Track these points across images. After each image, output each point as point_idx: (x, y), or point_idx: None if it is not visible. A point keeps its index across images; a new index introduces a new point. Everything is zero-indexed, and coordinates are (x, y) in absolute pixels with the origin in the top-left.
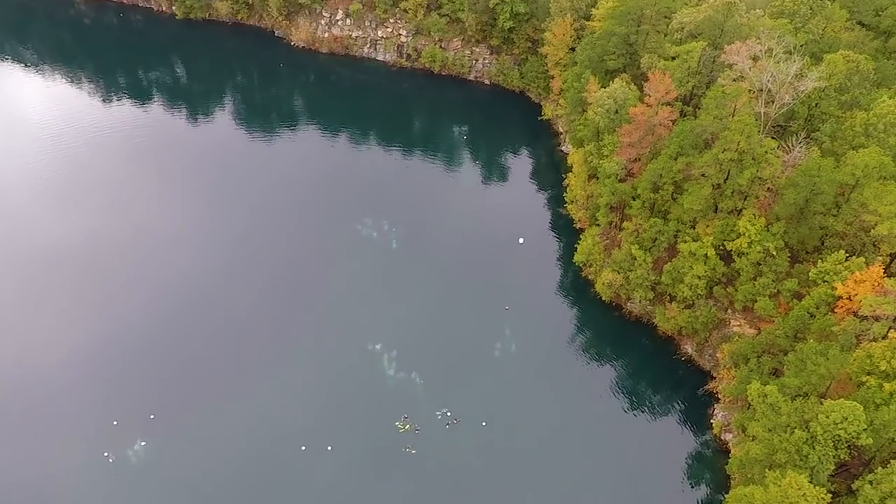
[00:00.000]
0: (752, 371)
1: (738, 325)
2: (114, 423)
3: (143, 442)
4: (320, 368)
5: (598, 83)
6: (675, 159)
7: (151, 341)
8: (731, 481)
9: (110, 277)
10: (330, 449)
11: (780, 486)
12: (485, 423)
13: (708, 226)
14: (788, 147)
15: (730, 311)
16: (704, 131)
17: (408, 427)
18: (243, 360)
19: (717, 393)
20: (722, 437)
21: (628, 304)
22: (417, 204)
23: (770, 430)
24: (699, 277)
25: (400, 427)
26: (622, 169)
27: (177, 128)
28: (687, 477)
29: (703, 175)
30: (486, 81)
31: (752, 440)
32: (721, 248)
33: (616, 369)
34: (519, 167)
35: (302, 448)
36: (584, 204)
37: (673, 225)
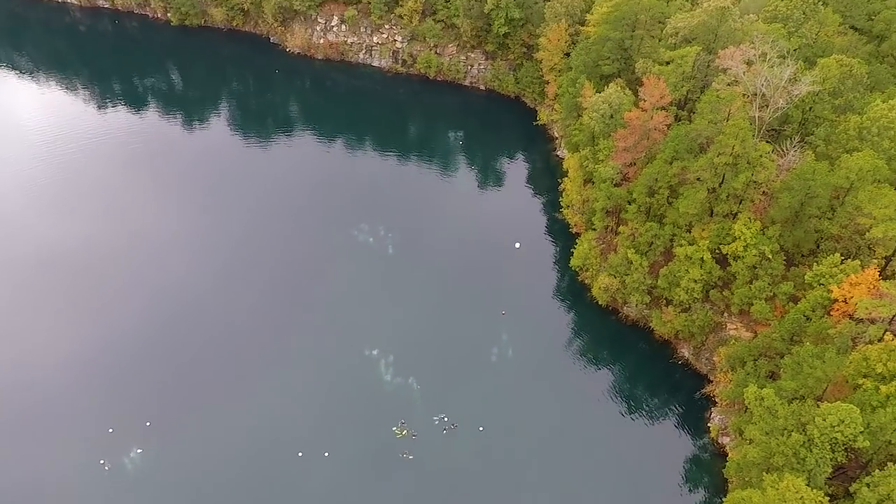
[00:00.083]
0: (748, 374)
1: (735, 329)
2: (109, 431)
3: (139, 449)
4: (317, 374)
5: (593, 88)
6: (671, 163)
7: (147, 348)
8: (729, 485)
9: (106, 284)
10: (327, 455)
11: (778, 489)
12: (482, 429)
13: (704, 230)
14: (783, 151)
15: (726, 314)
16: (699, 135)
17: (405, 432)
18: (239, 367)
19: (714, 396)
20: (719, 441)
21: (625, 308)
22: (413, 209)
23: (767, 434)
24: (695, 281)
25: (397, 432)
26: (618, 173)
27: (172, 134)
28: (684, 481)
29: (698, 179)
30: (482, 87)
31: (750, 443)
32: (717, 251)
33: (613, 373)
34: (515, 172)
35: (299, 454)
36: (579, 208)
37: (669, 229)
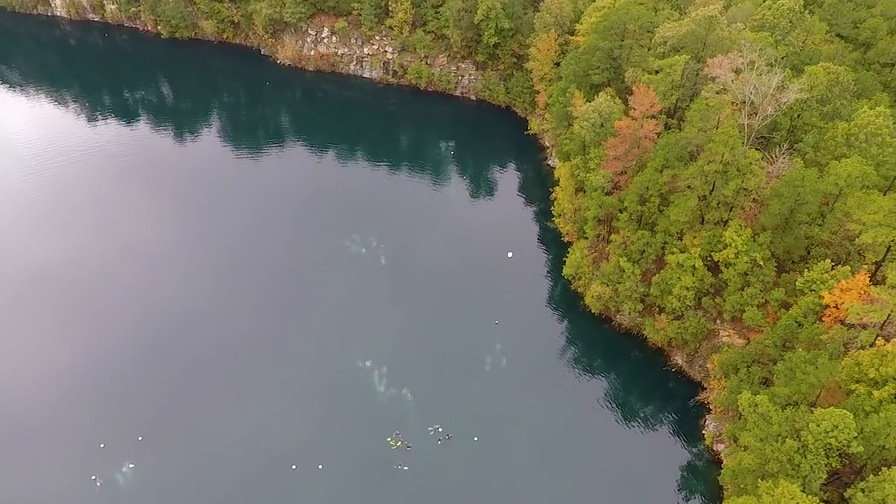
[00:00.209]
0: (742, 381)
1: (728, 336)
2: (101, 446)
3: (131, 464)
4: (310, 386)
5: (584, 97)
6: (661, 172)
7: (138, 361)
8: (724, 492)
9: (97, 297)
10: (321, 467)
11: (773, 495)
12: (476, 439)
13: (695, 237)
14: (772, 158)
15: (719, 321)
16: (689, 143)
17: (399, 444)
18: (232, 380)
19: (708, 403)
20: (714, 448)
21: (618, 316)
22: (406, 219)
23: (762, 440)
24: (687, 288)
25: (392, 444)
26: (609, 182)
27: (163, 147)
28: (680, 488)
29: (688, 187)
30: (472, 97)
31: (744, 450)
32: (708, 259)
33: (607, 382)
34: (506, 182)
35: (293, 467)
36: (571, 217)
37: (660, 237)
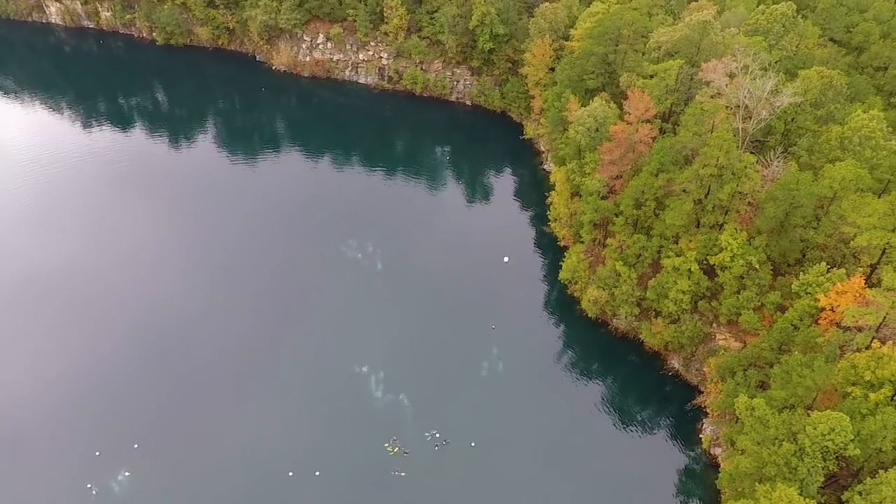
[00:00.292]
0: (738, 384)
1: (724, 339)
2: (96, 454)
3: (126, 472)
4: (307, 392)
5: (579, 102)
6: (657, 176)
7: (134, 368)
8: (722, 496)
9: (92, 304)
10: (318, 474)
11: (771, 499)
12: (474, 444)
13: (691, 241)
14: (767, 161)
15: (715, 324)
16: (684, 147)
17: (397, 450)
18: (228, 386)
19: (705, 407)
20: (711, 452)
21: (614, 320)
22: (402, 225)
23: (759, 444)
24: (683, 292)
25: (389, 450)
26: (604, 186)
27: (159, 153)
28: (677, 492)
29: (684, 191)
30: (468, 102)
31: (742, 454)
32: (704, 262)
33: (604, 386)
34: (502, 186)
35: (289, 474)
36: (567, 222)
37: (656, 241)
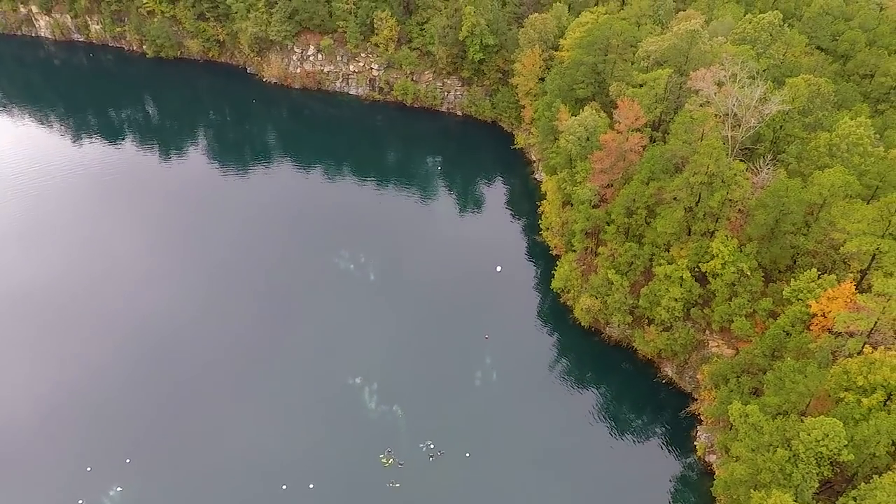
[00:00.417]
0: (732, 391)
1: (717, 346)
2: (88, 469)
3: (118, 487)
4: (300, 404)
5: (569, 111)
6: (647, 184)
7: (125, 382)
8: (717, 503)
9: (82, 319)
10: (312, 487)
11: None
12: (469, 454)
13: (682, 248)
14: (756, 169)
15: (707, 332)
16: (674, 156)
17: (391, 461)
18: (220, 399)
19: (699, 414)
20: (706, 459)
21: (607, 328)
22: (394, 235)
23: (753, 450)
24: (676, 300)
25: (384, 461)
26: (595, 195)
27: (149, 166)
28: (673, 500)
29: (674, 199)
30: (459, 112)
31: (736, 461)
32: (696, 269)
33: (598, 394)
34: (493, 196)
35: (283, 487)
36: (559, 230)
37: (648, 249)
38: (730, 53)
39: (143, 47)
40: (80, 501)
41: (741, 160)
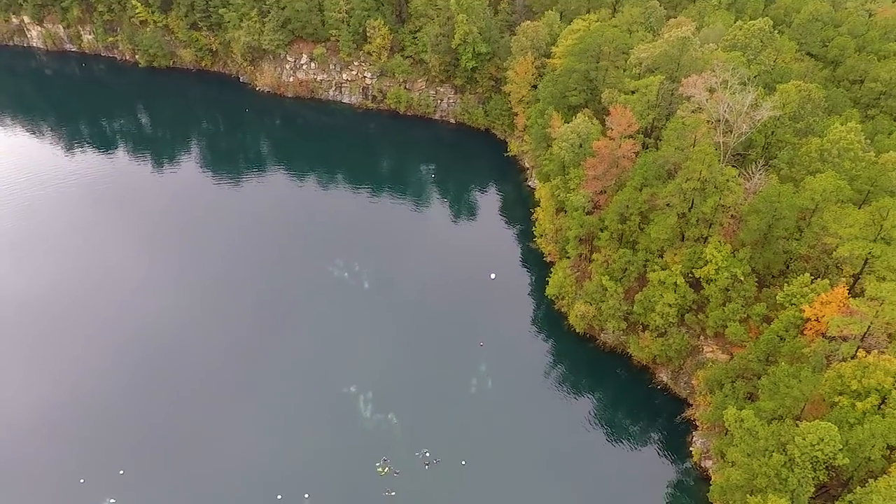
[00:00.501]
0: (727, 396)
1: (711, 352)
2: (81, 481)
3: (112, 499)
4: (295, 413)
5: (562, 119)
6: (640, 190)
7: (119, 393)
8: None
9: (75, 329)
10: (307, 497)
11: None
12: (464, 462)
13: (676, 254)
14: (748, 174)
15: (702, 337)
16: (667, 162)
17: (387, 470)
18: (214, 409)
19: (694, 420)
20: (702, 465)
21: (602, 334)
22: (388, 243)
23: (749, 455)
24: (670, 305)
25: (380, 470)
26: (589, 201)
27: (142, 175)
28: None
29: (667, 205)
30: (452, 120)
31: (732, 466)
32: (690, 275)
33: (593, 401)
34: (487, 203)
35: (278, 497)
36: (553, 237)
37: (642, 255)
38: (721, 60)
39: (136, 57)
40: None
41: (733, 166)
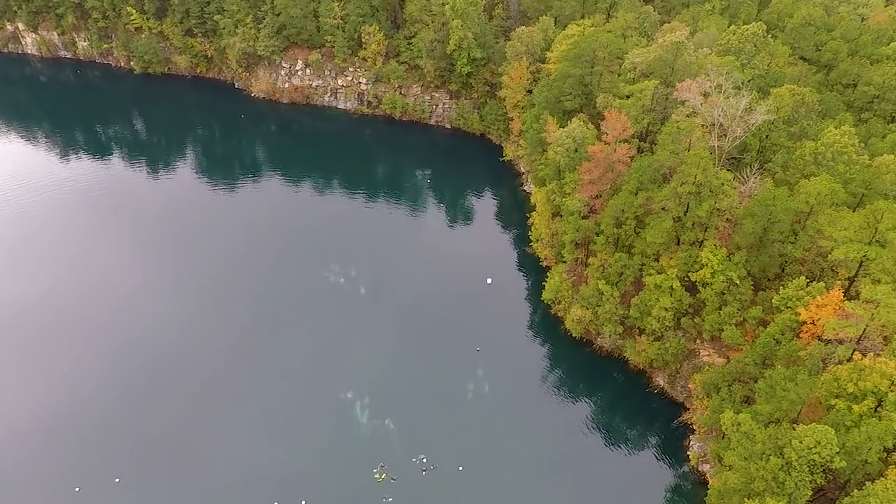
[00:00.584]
0: (724, 400)
1: (708, 355)
2: (76, 490)
3: None
4: (292, 420)
5: (557, 123)
6: (636, 194)
7: (113, 400)
8: None
9: (72, 336)
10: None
11: None
12: (462, 468)
13: (671, 258)
14: (743, 178)
15: (698, 341)
16: (662, 166)
17: (384, 476)
18: (211, 416)
19: (691, 424)
20: (699, 469)
21: (599, 339)
22: (384, 249)
23: (746, 459)
24: (666, 309)
25: (377, 476)
26: (584, 206)
27: (138, 182)
28: None
29: (663, 209)
30: (447, 125)
31: (729, 470)
32: (686, 279)
33: (590, 405)
34: (483, 208)
35: None
36: (549, 242)
37: (637, 259)
38: (715, 64)
39: (131, 63)
40: None
41: (728, 170)
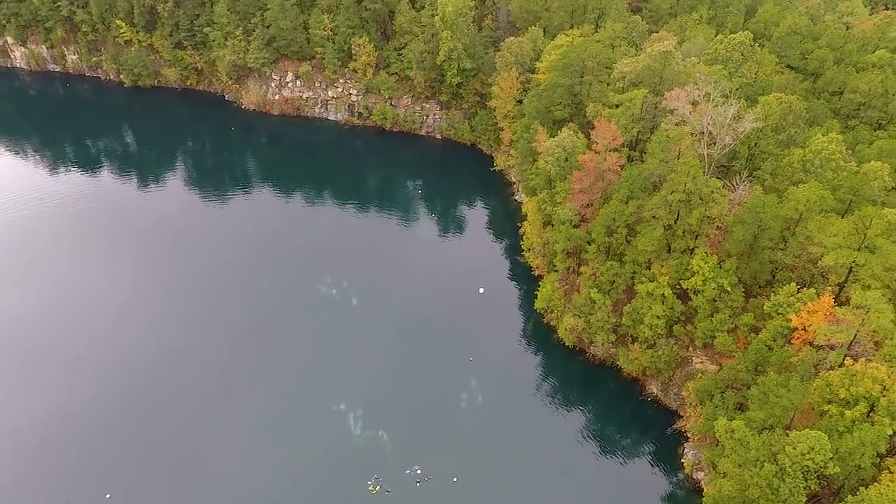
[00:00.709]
0: (717, 407)
1: (701, 362)
2: None
3: None
4: (285, 432)
5: (547, 133)
6: (626, 203)
7: (104, 415)
8: None
9: (60, 351)
10: None
11: None
12: (456, 479)
13: (663, 266)
14: (733, 186)
15: (691, 348)
16: (652, 174)
17: (379, 488)
18: (202, 430)
19: (685, 431)
20: (694, 476)
21: (591, 347)
22: (376, 260)
23: (740, 466)
24: (658, 317)
25: (371, 489)
26: (576, 215)
27: (128, 195)
28: None
29: (654, 217)
30: (438, 136)
31: (724, 477)
32: (677, 287)
33: (584, 414)
34: (475, 218)
35: None
36: (540, 251)
37: (629, 267)
38: (703, 73)
39: (121, 76)
40: None
41: (717, 177)
